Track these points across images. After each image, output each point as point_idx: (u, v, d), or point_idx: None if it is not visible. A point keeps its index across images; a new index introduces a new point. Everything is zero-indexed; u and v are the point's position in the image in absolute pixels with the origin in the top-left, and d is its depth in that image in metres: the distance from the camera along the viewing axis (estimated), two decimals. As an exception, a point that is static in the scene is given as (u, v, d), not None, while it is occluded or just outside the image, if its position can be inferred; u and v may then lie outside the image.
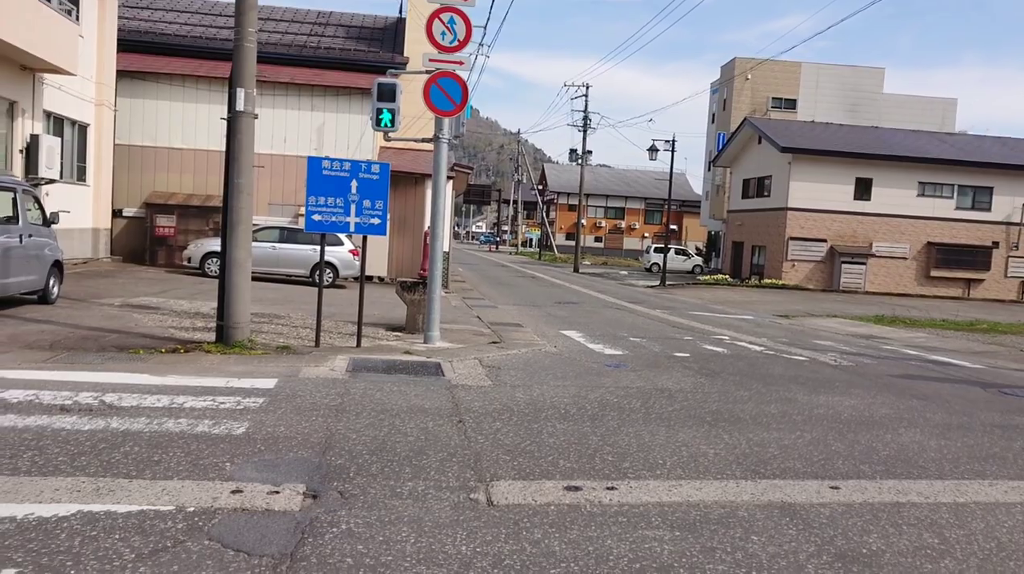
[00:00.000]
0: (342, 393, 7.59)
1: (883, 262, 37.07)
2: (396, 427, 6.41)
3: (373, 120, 11.09)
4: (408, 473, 5.25)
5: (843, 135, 39.15)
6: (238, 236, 9.48)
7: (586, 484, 5.21)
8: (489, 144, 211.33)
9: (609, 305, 22.45)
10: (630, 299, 25.44)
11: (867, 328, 19.69)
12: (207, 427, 6.05)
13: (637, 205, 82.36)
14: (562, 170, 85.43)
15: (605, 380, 9.30)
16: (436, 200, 11.43)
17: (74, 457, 5.16)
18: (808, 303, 27.98)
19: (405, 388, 8.04)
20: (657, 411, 7.64)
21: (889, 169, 36.58)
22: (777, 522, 4.70)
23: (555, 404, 7.68)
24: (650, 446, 6.26)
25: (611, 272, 45.60)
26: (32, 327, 10.32)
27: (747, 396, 8.77)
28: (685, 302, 25.88)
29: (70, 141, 20.30)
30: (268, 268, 20.64)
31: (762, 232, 39.21)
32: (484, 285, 28.28)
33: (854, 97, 47.76)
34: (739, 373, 10.50)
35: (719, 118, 50.30)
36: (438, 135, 11.28)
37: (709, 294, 30.35)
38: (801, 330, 18.25)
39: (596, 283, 34.03)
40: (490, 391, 8.20)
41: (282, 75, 24.49)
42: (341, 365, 9.06)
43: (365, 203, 10.32)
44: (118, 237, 23.69)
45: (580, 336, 13.88)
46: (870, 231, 37.02)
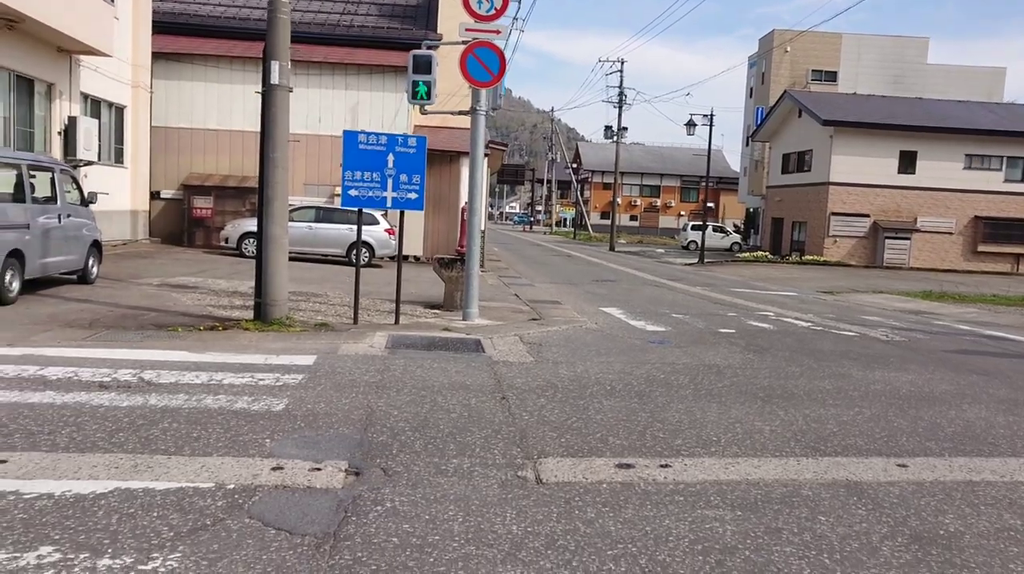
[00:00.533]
0: (382, 370, 7.43)
1: (928, 237, 36.13)
2: (438, 404, 6.23)
3: (409, 93, 10.87)
4: (452, 450, 5.06)
5: (886, 107, 38.10)
6: (274, 211, 9.35)
7: (638, 462, 4.98)
8: (522, 124, 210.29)
9: (648, 282, 22.10)
10: (668, 276, 25.05)
11: (915, 303, 19.14)
12: (246, 404, 5.92)
13: (673, 183, 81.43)
14: (596, 148, 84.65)
15: (650, 356, 9.04)
16: (474, 174, 11.20)
17: (112, 433, 5.05)
18: (851, 279, 27.34)
19: (445, 365, 7.86)
20: (706, 387, 7.37)
21: (934, 141, 35.55)
22: (844, 501, 4.44)
23: (600, 380, 7.45)
24: (702, 423, 6.01)
25: (647, 250, 45.10)
26: (72, 306, 10.31)
27: (799, 372, 8.45)
28: (725, 279, 25.43)
29: (107, 123, 20.38)
30: (304, 248, 20.60)
31: (803, 208, 38.42)
32: (520, 264, 28.06)
33: (897, 68, 46.48)
34: (788, 349, 10.16)
35: (757, 92, 49.31)
36: (475, 107, 11.03)
37: (749, 271, 29.81)
38: (847, 306, 17.78)
39: (633, 261, 33.63)
40: (532, 368, 7.99)
41: (315, 54, 24.34)
42: (380, 342, 8.91)
43: (402, 178, 10.12)
44: (156, 219, 23.83)
45: (620, 313, 13.60)
46: (914, 206, 36.08)
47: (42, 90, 16.87)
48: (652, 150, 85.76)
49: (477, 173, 11.19)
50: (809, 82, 45.73)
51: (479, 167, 11.23)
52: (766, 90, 47.36)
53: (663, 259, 36.94)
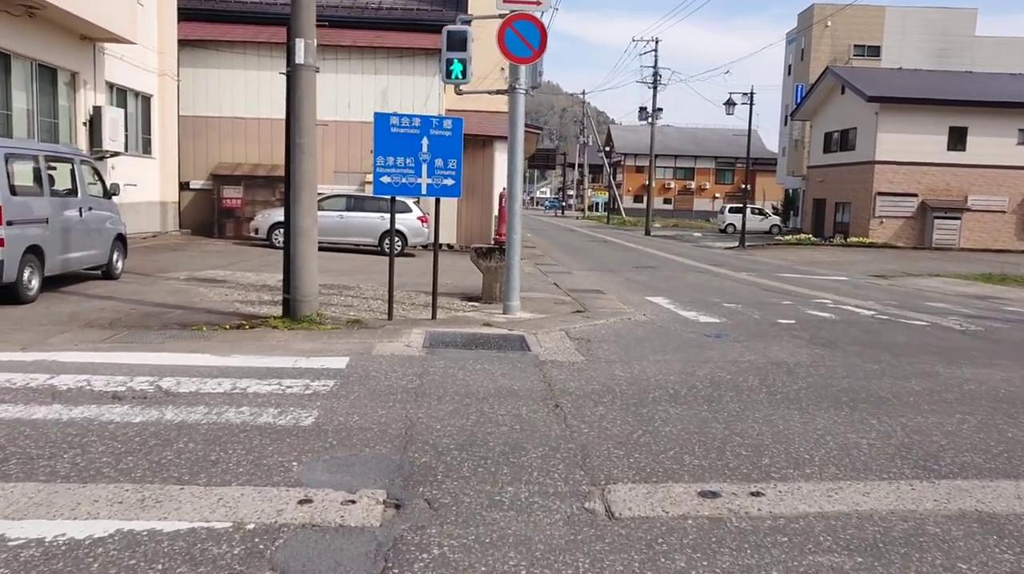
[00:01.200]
0: (420, 373, 6.78)
1: (979, 216, 34.74)
2: (485, 414, 5.56)
3: (443, 72, 10.17)
4: (506, 474, 4.39)
5: (934, 81, 36.64)
6: (302, 201, 8.72)
7: (724, 488, 4.26)
8: (551, 108, 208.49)
9: (690, 268, 21.26)
10: (710, 262, 24.17)
11: (977, 287, 18.11)
12: (272, 417, 5.30)
13: (707, 164, 79.99)
14: (629, 131, 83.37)
15: (710, 353, 8.29)
16: (514, 158, 10.49)
17: (120, 457, 4.44)
18: (901, 262, 26.23)
19: (489, 366, 7.19)
20: (781, 390, 6.61)
21: (986, 116, 34.08)
22: (983, 542, 3.69)
23: (661, 383, 6.73)
24: (787, 435, 5.27)
25: (683, 234, 44.09)
26: (94, 304, 9.80)
27: (878, 370, 7.66)
28: (769, 264, 24.48)
29: (134, 113, 19.95)
30: (336, 238, 20.06)
31: (846, 188, 37.15)
32: (555, 250, 27.32)
33: (943, 41, 44.76)
34: (857, 342, 9.35)
35: (796, 69, 47.86)
36: (514, 85, 10.30)
37: (793, 255, 28.78)
38: (905, 291, 16.82)
39: (670, 246, 32.72)
40: (584, 368, 7.29)
41: (344, 38, 23.72)
42: (417, 340, 8.26)
43: (437, 162, 9.45)
44: (186, 210, 23.43)
45: (668, 302, 12.84)
46: (965, 184, 34.68)
47: (66, 79, 16.43)
48: (685, 131, 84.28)
49: (517, 157, 10.48)
50: (851, 57, 44.23)
51: (518, 150, 10.52)
52: (806, 67, 45.91)
53: (701, 243, 35.96)
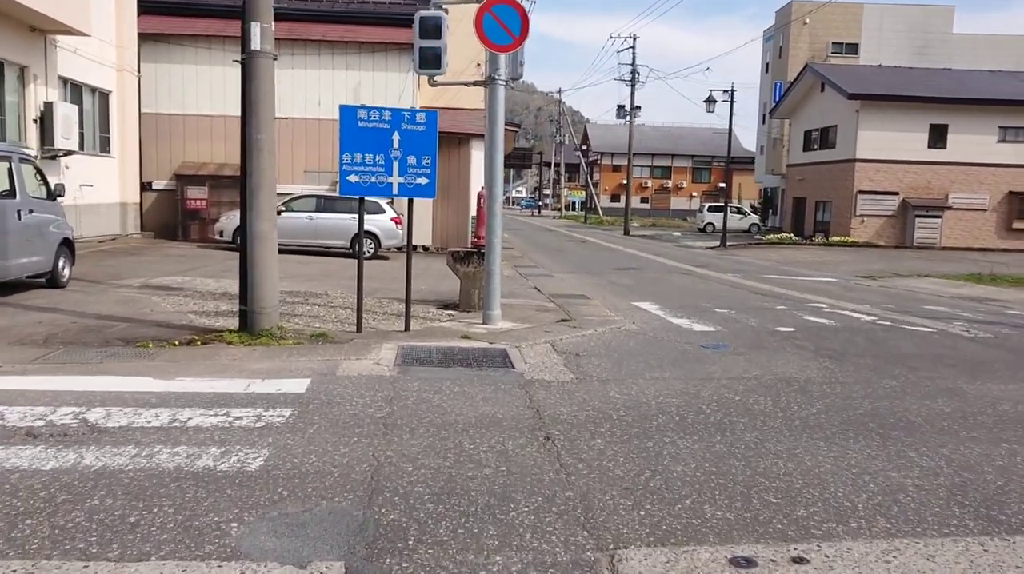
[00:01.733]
0: (391, 397, 5.97)
1: (960, 215, 34.44)
2: (465, 451, 4.77)
3: (416, 61, 9.37)
4: (493, 536, 3.59)
5: (914, 79, 36.32)
6: (260, 203, 7.87)
7: (759, 552, 3.50)
8: (526, 107, 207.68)
9: (673, 270, 20.58)
10: (693, 262, 23.52)
11: (969, 289, 17.58)
12: (213, 459, 4.47)
13: (684, 163, 79.68)
14: (605, 129, 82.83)
15: (711, 368, 7.55)
16: (493, 154, 9.70)
17: (16, 521, 3.60)
18: (886, 262, 25.75)
19: (469, 387, 6.39)
20: (798, 414, 5.88)
21: (966, 113, 33.78)
22: (1094, 629, 2.96)
23: (663, 407, 5.97)
24: (818, 476, 4.52)
25: (663, 234, 43.53)
26: (31, 317, 8.88)
27: (897, 387, 6.95)
28: (754, 264, 23.88)
29: (90, 110, 18.90)
30: (305, 240, 19.18)
31: (827, 186, 36.73)
32: (534, 251, 26.56)
33: (921, 39, 44.56)
34: (866, 353, 8.66)
35: (774, 67, 47.48)
36: (493, 76, 9.50)
37: (776, 254, 28.25)
38: (898, 293, 16.23)
39: (651, 246, 32.08)
40: (575, 388, 6.52)
41: (313, 32, 22.82)
42: (388, 356, 7.44)
43: (410, 160, 8.64)
44: (148, 212, 22.38)
45: (657, 309, 12.10)
46: (945, 182, 34.36)
47: (14, 73, 15.39)
48: (662, 130, 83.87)
49: (496, 153, 9.69)
50: (829, 55, 43.89)
51: (498, 146, 9.73)
52: (784, 65, 45.52)
53: (681, 243, 35.37)
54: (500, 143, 9.67)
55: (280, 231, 19.50)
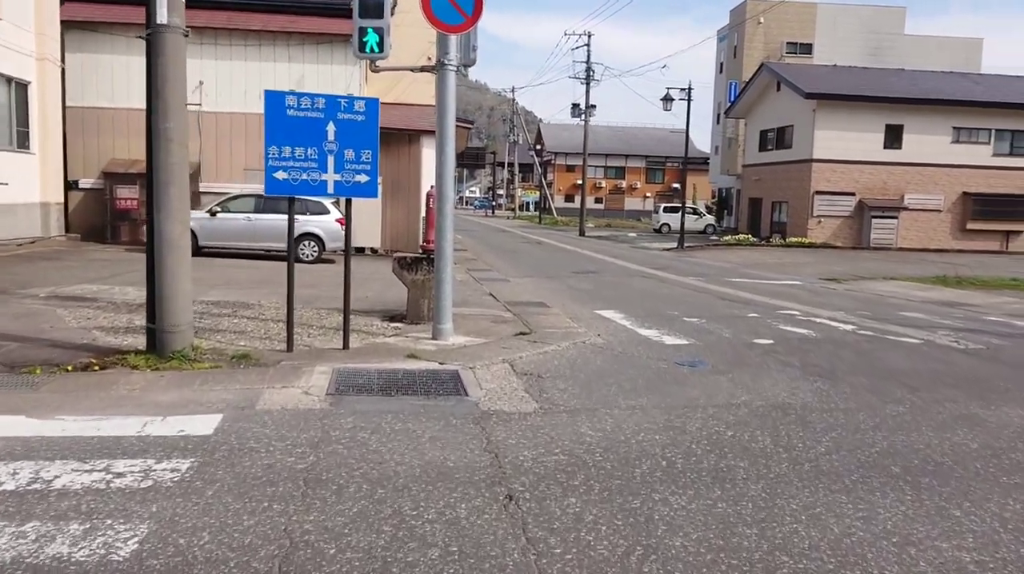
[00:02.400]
0: (318, 440, 4.91)
1: (915, 215, 34.34)
2: (405, 521, 3.74)
3: (355, 44, 8.30)
4: (438, 670, 2.58)
5: (869, 79, 36.17)
6: (169, 202, 6.74)
7: None
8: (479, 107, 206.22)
9: (633, 273, 19.75)
10: (652, 265, 22.74)
11: (938, 292, 17.05)
12: (69, 544, 3.38)
13: (638, 164, 79.42)
14: (559, 129, 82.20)
15: (692, 392, 6.63)
16: (443, 148, 8.67)
17: None
18: (846, 263, 25.31)
19: (414, 423, 5.36)
20: (805, 455, 4.97)
21: (921, 114, 33.69)
22: None
23: (646, 448, 5.01)
24: (852, 548, 3.60)
25: (618, 234, 42.84)
26: (-98, 336, 7.60)
27: (907, 415, 6.10)
28: (714, 266, 23.19)
29: (5, 102, 17.39)
30: (243, 243, 17.93)
31: (783, 187, 36.40)
32: (488, 254, 25.55)
33: (874, 40, 44.63)
34: (857, 370, 7.84)
35: (729, 67, 47.19)
36: (443, 60, 8.46)
37: (735, 256, 27.66)
38: (867, 298, 15.59)
39: (607, 247, 31.29)
40: (540, 422, 5.53)
41: (253, 22, 21.51)
42: (320, 383, 6.37)
43: (347, 154, 7.56)
44: (75, 212, 20.84)
45: (622, 318, 11.19)
46: (901, 182, 34.24)
47: (-90, 59, 13.91)
48: (616, 130, 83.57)
49: (447, 148, 8.66)
50: (784, 55, 43.68)
51: (448, 140, 8.70)
52: (739, 64, 45.23)
53: (638, 244, 34.68)
54: (451, 136, 8.65)
55: (216, 234, 18.35)
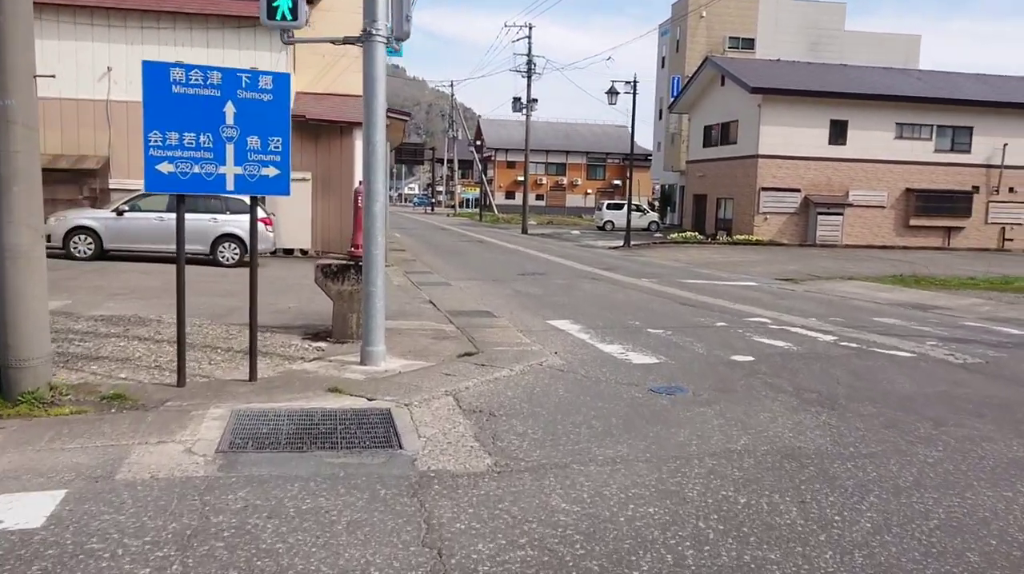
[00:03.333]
0: (191, 534, 3.52)
1: (860, 212, 34.03)
2: None
3: (264, 10, 6.87)
4: None
5: (813, 74, 35.75)
6: (13, 203, 5.22)
7: None
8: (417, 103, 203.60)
9: (583, 274, 18.59)
10: (601, 265, 21.63)
11: (901, 293, 16.28)
12: None
13: (579, 160, 78.71)
14: (499, 125, 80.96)
15: (679, 434, 5.41)
16: (372, 137, 7.28)
17: None
18: (798, 262, 24.62)
19: (329, 499, 4.01)
20: (849, 537, 3.76)
21: (865, 109, 33.38)
22: None
23: (642, 531, 3.74)
24: None
25: (562, 232, 41.71)
26: None
27: (945, 463, 4.96)
28: (665, 266, 22.20)
29: None
30: (154, 245, 16.21)
31: (728, 183, 35.78)
32: (428, 254, 24.13)
33: (815, 35, 44.49)
34: (859, 395, 6.73)
35: (671, 61, 46.56)
36: (370, 30, 7.07)
37: (684, 255, 26.76)
38: (830, 300, 14.70)
39: (552, 246, 30.13)
40: (497, 492, 4.22)
41: (167, 2, 19.67)
42: (210, 434, 4.96)
43: (251, 142, 6.13)
44: (-34, 211, 18.73)
45: (579, 329, 9.97)
46: (846, 178, 33.89)
47: None
48: (556, 126, 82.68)
49: (376, 135, 7.27)
50: (726, 49, 43.17)
51: (378, 127, 7.30)
52: (681, 59, 44.60)
53: (583, 242, 33.61)
54: (380, 121, 7.27)
55: (123, 235, 16.53)
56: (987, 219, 35.16)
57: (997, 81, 37.49)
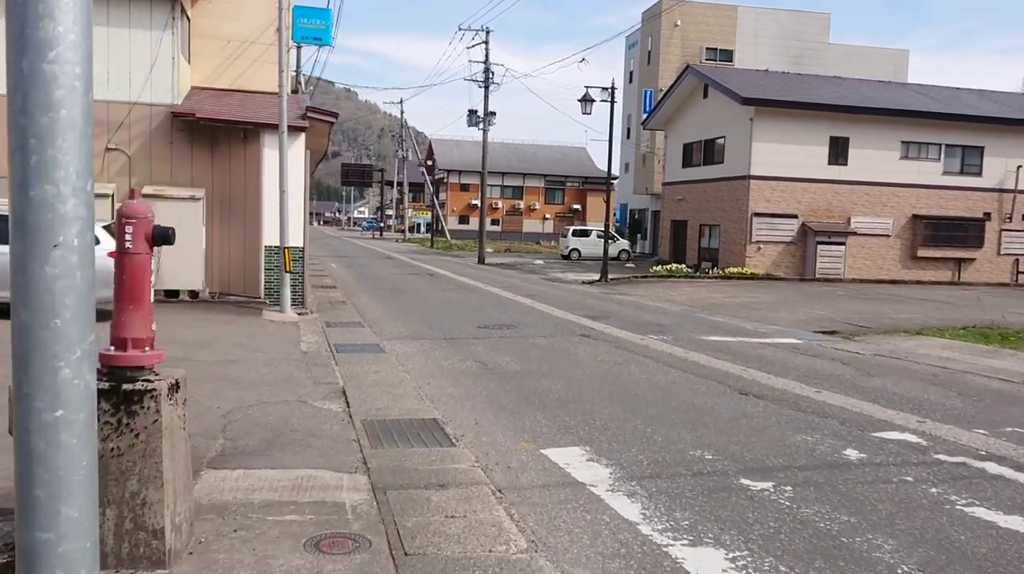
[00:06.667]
0: None
1: (863, 241, 30.00)
2: None
3: None
4: None
5: (806, 86, 31.84)
6: None
7: None
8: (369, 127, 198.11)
9: (567, 328, 13.81)
10: (585, 310, 16.90)
11: (1004, 358, 11.80)
12: None
13: (536, 183, 74.32)
14: (452, 145, 76.29)
15: None
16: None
17: None
18: (818, 303, 20.24)
19: None
20: None
21: (868, 125, 29.46)
22: None
23: None
24: None
25: (522, 262, 36.95)
26: None
27: None
28: (663, 310, 17.54)
29: None
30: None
31: (714, 208, 31.50)
32: (363, 293, 19.17)
33: (798, 47, 40.81)
34: None
35: (642, 74, 42.45)
36: None
37: (675, 292, 22.18)
38: (935, 375, 10.15)
39: (516, 281, 25.33)
40: None
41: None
42: None
43: None
44: None
45: (609, 482, 5.20)
46: (847, 203, 29.86)
47: None
48: (512, 148, 78.34)
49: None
50: (703, 61, 39.18)
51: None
52: (654, 72, 40.51)
53: (550, 275, 28.88)
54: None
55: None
56: (1000, 250, 31.42)
57: (1004, 98, 34.01)
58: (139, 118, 15.36)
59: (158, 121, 15.42)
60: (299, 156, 15.37)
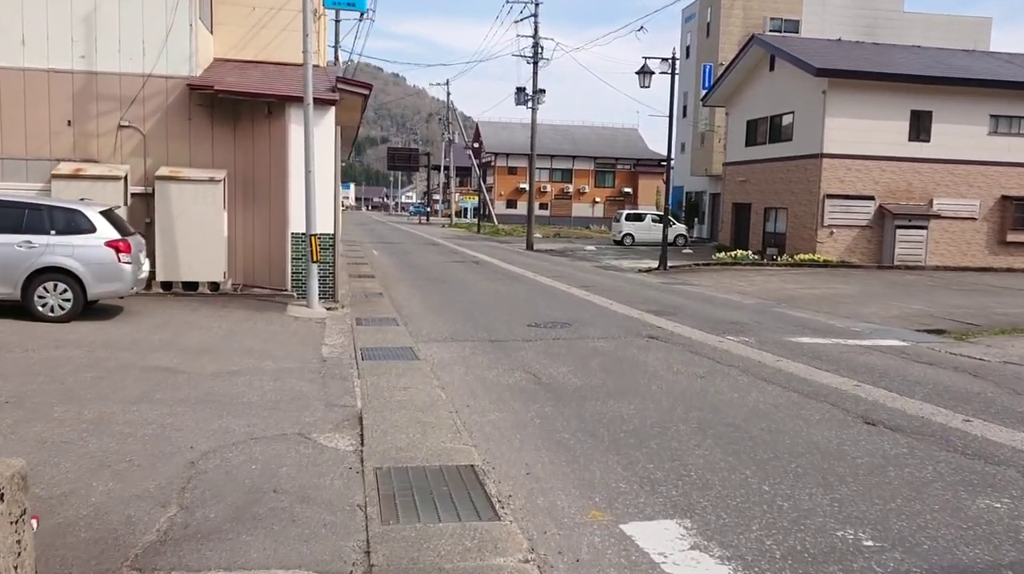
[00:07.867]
0: None
1: (946, 225, 27.47)
2: None
3: None
4: None
5: (884, 57, 29.25)
6: None
7: None
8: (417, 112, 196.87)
9: (630, 326, 12.00)
10: (647, 303, 15.05)
11: None
12: None
13: (585, 166, 72.15)
14: (499, 128, 74.48)
15: None
16: None
17: None
18: (909, 294, 18.08)
19: None
20: None
21: (953, 98, 26.85)
22: None
23: None
24: None
25: (573, 248, 35.02)
26: None
27: None
28: (734, 304, 15.58)
29: None
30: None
31: (781, 189, 29.22)
32: (403, 283, 17.58)
33: (869, 17, 38.00)
34: None
35: (700, 49, 40.05)
36: None
37: (744, 282, 20.16)
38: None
39: (566, 269, 23.50)
40: None
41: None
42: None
43: None
44: None
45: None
46: (929, 183, 27.33)
47: None
48: (561, 130, 76.21)
49: None
50: (767, 32, 36.63)
51: None
52: (713, 44, 38.12)
53: (604, 262, 26.97)
54: None
55: None
56: (1097, 234, 28.57)
57: (1105, 66, 30.92)
58: (154, 92, 13.89)
59: (175, 95, 13.94)
60: (328, 133, 13.75)
